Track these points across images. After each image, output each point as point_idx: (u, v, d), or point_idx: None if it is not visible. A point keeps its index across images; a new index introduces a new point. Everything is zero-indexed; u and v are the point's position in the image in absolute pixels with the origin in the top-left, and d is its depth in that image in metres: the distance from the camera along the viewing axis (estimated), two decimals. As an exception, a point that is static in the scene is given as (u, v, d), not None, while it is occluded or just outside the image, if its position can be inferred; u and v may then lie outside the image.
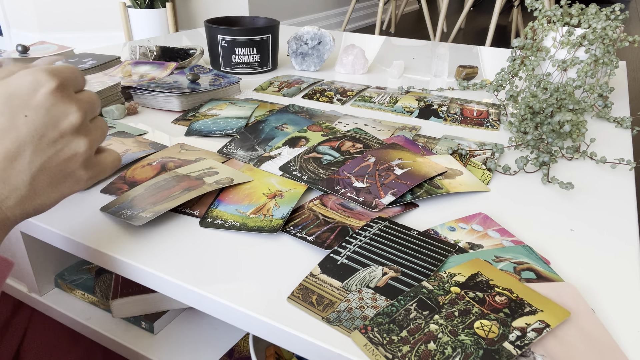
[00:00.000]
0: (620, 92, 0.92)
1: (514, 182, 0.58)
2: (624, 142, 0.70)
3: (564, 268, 0.43)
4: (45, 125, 0.34)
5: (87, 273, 0.60)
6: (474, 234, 0.46)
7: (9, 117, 0.33)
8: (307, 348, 0.35)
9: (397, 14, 3.77)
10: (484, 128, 0.74)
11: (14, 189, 0.33)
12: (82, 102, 0.36)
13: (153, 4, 2.33)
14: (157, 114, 0.77)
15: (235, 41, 0.96)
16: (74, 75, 0.36)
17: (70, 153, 0.35)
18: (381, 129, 0.70)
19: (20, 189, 0.33)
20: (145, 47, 0.97)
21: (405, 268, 0.41)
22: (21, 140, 0.33)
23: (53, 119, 0.34)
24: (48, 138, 0.34)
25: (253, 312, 0.37)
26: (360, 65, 1.02)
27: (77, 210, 0.49)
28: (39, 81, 0.34)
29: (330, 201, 0.51)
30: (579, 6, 0.82)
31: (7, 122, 0.33)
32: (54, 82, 0.34)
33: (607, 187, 0.57)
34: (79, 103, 0.35)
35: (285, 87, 0.90)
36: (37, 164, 0.34)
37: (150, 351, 0.52)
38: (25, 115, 0.33)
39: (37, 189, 0.34)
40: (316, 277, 0.40)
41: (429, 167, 0.57)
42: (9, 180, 0.33)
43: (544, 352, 0.33)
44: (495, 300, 0.37)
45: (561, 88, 0.72)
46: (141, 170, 0.56)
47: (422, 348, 0.33)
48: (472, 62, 1.12)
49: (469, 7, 2.96)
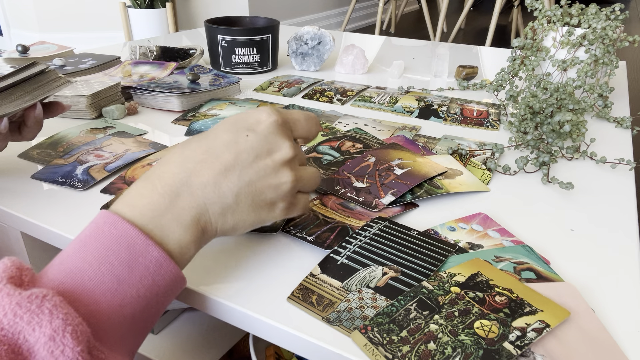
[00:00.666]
0: (620, 92, 0.92)
1: (514, 182, 0.58)
2: (624, 142, 0.70)
3: (564, 268, 0.43)
4: (260, 148, 0.37)
5: (87, 273, 0.60)
6: (474, 234, 0.46)
7: (234, 134, 0.37)
8: (307, 348, 0.35)
9: (397, 14, 3.77)
10: (484, 128, 0.74)
11: (222, 196, 0.36)
12: (297, 148, 0.40)
13: (153, 4, 2.33)
14: (157, 114, 0.77)
15: (235, 41, 0.96)
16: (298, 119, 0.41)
17: (276, 182, 0.38)
18: (381, 129, 0.70)
19: (227, 198, 0.36)
20: (145, 47, 0.97)
21: (405, 268, 0.41)
22: (238, 155, 0.37)
23: (268, 146, 0.38)
24: (260, 160, 0.37)
25: (253, 312, 0.37)
26: (360, 65, 1.02)
27: (77, 210, 0.49)
28: (267, 115, 0.39)
29: (330, 201, 0.51)
30: (579, 6, 0.82)
31: (232, 138, 0.37)
32: (277, 117, 0.39)
33: (607, 187, 0.57)
34: (295, 147, 0.39)
35: (285, 87, 0.90)
36: (245, 179, 0.37)
37: (150, 351, 0.52)
38: (246, 135, 0.37)
39: (240, 203, 0.37)
40: (316, 277, 0.40)
41: (429, 167, 0.57)
42: (221, 187, 0.36)
43: (544, 352, 0.33)
44: (495, 300, 0.37)
45: (561, 88, 0.72)
46: (141, 170, 0.56)
47: (422, 348, 0.33)
48: (472, 62, 1.12)
49: (469, 7, 2.96)
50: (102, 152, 0.61)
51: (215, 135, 0.38)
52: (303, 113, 0.42)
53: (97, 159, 0.59)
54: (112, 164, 0.58)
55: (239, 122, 0.38)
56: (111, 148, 0.62)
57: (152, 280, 0.32)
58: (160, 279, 0.32)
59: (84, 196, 0.52)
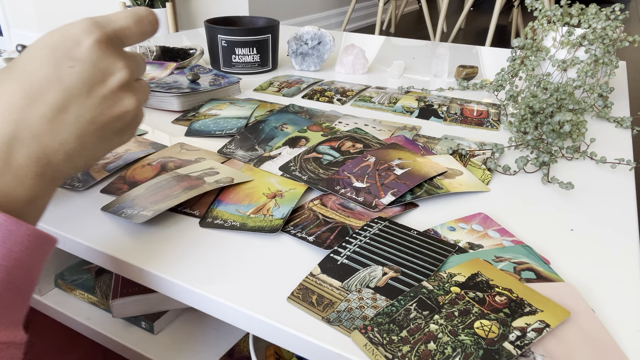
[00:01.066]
0: (620, 92, 0.92)
1: (514, 182, 0.58)
2: (624, 142, 0.70)
3: (564, 268, 0.43)
4: (92, 79, 0.33)
5: (87, 273, 0.60)
6: (474, 234, 0.46)
7: (53, 67, 0.32)
8: (307, 348, 0.35)
9: (397, 14, 3.77)
10: (484, 128, 0.74)
11: (63, 142, 0.32)
12: (129, 60, 0.35)
13: (153, 4, 2.33)
14: (157, 114, 0.77)
15: (235, 41, 0.96)
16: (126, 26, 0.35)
17: (121, 111, 0.35)
18: (381, 129, 0.70)
19: (69, 143, 0.33)
20: (145, 47, 0.97)
21: (405, 268, 0.41)
22: (69, 92, 0.32)
23: (100, 74, 0.33)
24: (96, 92, 0.33)
25: (253, 312, 0.37)
26: (360, 65, 1.02)
27: (77, 210, 0.49)
28: (84, 32, 0.32)
29: (330, 201, 0.51)
30: (579, 6, 0.82)
31: (52, 72, 0.32)
32: (99, 34, 0.33)
33: (607, 187, 0.57)
34: (126, 60, 0.34)
35: (285, 87, 0.90)
36: (86, 117, 0.33)
37: (150, 351, 0.52)
38: (70, 66, 0.32)
39: (86, 143, 0.34)
40: (316, 277, 0.40)
41: (429, 167, 0.57)
42: (59, 133, 0.32)
43: (544, 352, 0.33)
44: (495, 300, 0.37)
45: (561, 88, 0.72)
46: (141, 170, 0.56)
47: (422, 348, 0.33)
48: (472, 62, 1.12)
49: (469, 7, 2.96)
50: (102, 152, 0.61)
51: (31, 70, 0.32)
52: (130, 14, 0.36)
53: (97, 159, 0.59)
54: (112, 163, 0.58)
55: (57, 50, 0.32)
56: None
57: (6, 248, 0.29)
58: (14, 244, 0.29)
59: (84, 196, 0.52)
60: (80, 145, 0.33)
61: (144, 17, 0.36)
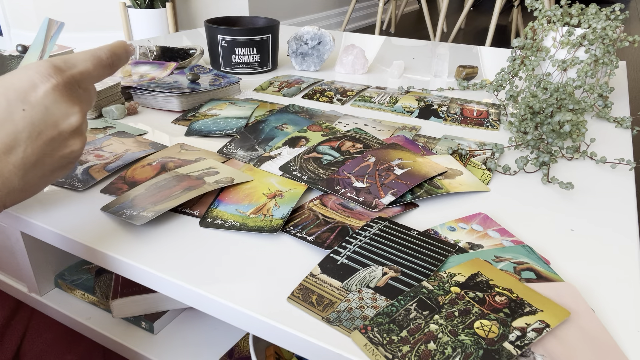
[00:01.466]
0: (620, 92, 0.92)
1: (514, 182, 0.58)
2: (624, 142, 0.70)
3: (564, 268, 0.43)
4: (43, 124, 0.33)
5: (87, 273, 0.60)
6: (474, 234, 0.46)
7: (5, 108, 0.32)
8: (307, 348, 0.35)
9: (397, 14, 3.77)
10: (484, 128, 0.74)
11: (6, 181, 0.33)
12: (83, 103, 0.36)
13: (153, 4, 2.33)
14: (157, 114, 0.77)
15: (235, 41, 0.96)
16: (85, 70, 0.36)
17: (67, 151, 0.35)
18: (381, 129, 0.70)
19: (13, 183, 0.33)
20: (145, 47, 0.97)
21: (405, 268, 0.41)
22: (17, 135, 0.32)
23: (52, 119, 0.33)
24: (45, 136, 0.33)
25: (253, 312, 0.37)
26: (360, 65, 1.02)
27: (77, 210, 0.49)
28: (42, 76, 0.33)
29: (330, 201, 0.51)
30: (579, 6, 0.82)
31: (3, 113, 0.32)
32: (57, 80, 0.33)
33: (607, 187, 0.57)
34: (80, 104, 0.35)
35: (285, 87, 0.90)
36: (32, 160, 0.33)
37: (150, 351, 0.52)
38: (23, 110, 0.32)
39: (30, 182, 0.34)
40: (316, 277, 0.40)
41: (429, 167, 0.57)
42: (2, 173, 0.32)
43: (544, 352, 0.33)
44: (495, 300, 0.37)
45: (561, 88, 0.72)
46: (141, 170, 0.56)
47: (422, 348, 0.33)
48: (472, 62, 1.12)
49: (469, 7, 2.96)
50: (102, 152, 0.61)
51: None
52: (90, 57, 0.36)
53: (97, 159, 0.59)
54: (112, 164, 0.58)
55: (10, 91, 0.32)
56: (111, 148, 0.62)
57: None
58: None
59: (84, 196, 0.52)
60: (23, 185, 0.34)
61: (103, 60, 0.37)
